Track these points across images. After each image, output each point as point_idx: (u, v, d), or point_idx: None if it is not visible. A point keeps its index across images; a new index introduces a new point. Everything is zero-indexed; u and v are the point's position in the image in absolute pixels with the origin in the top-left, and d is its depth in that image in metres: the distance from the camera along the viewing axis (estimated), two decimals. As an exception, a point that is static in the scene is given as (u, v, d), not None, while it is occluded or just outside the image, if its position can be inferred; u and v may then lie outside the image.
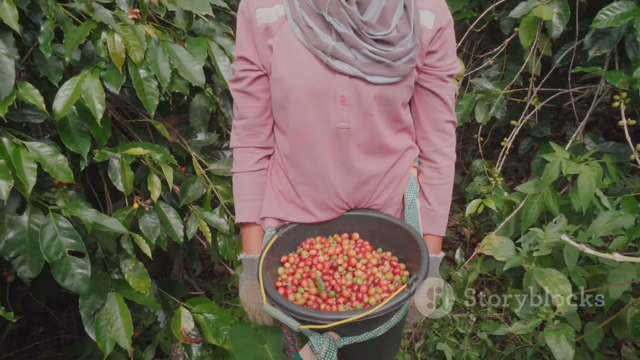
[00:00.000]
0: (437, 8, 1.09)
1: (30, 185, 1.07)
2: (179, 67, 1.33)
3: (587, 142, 1.98)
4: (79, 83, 1.17)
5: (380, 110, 1.08)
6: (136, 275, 1.33)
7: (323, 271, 1.12)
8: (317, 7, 1.00)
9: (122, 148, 1.29)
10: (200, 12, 1.35)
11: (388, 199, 1.20)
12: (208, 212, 1.50)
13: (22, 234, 1.16)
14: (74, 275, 1.18)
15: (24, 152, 1.08)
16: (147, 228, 1.36)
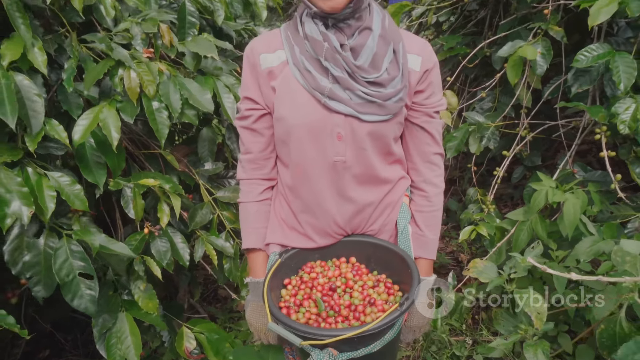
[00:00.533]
0: (423, 52, 1.20)
1: (50, 212, 1.17)
2: (189, 96, 1.44)
3: (576, 170, 2.07)
4: (97, 112, 1.29)
5: (373, 145, 1.17)
6: (145, 296, 1.42)
7: (323, 292, 1.20)
8: (315, 53, 1.12)
9: (135, 178, 1.39)
10: (207, 54, 1.48)
11: (382, 225, 1.29)
12: (214, 236, 1.60)
13: (38, 256, 1.25)
14: (82, 296, 1.27)
15: (45, 181, 1.19)
16: (158, 251, 1.45)
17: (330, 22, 1.11)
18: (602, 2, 1.56)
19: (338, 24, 1.11)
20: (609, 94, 1.74)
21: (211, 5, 1.63)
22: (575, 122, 2.02)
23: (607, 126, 1.72)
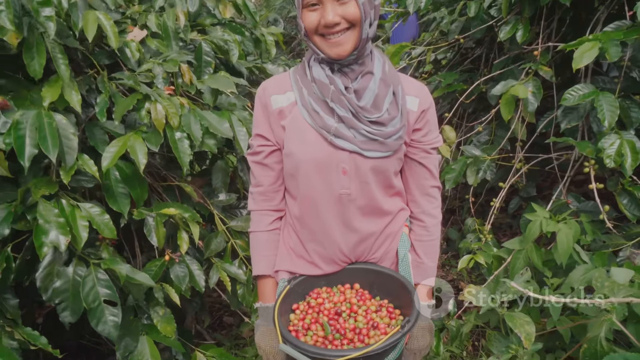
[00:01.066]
0: (420, 94, 1.31)
1: (83, 240, 1.27)
2: (209, 125, 1.55)
3: (570, 201, 2.17)
4: (125, 140, 1.40)
5: (376, 179, 1.26)
6: (164, 321, 1.50)
7: (329, 317, 1.26)
8: (322, 95, 1.23)
9: (156, 208, 1.50)
10: (226, 90, 1.60)
11: (384, 253, 1.37)
12: (228, 263, 1.69)
13: (67, 283, 1.35)
14: (106, 322, 1.35)
15: (78, 212, 1.29)
16: (177, 277, 1.54)
17: (335, 67, 1.22)
18: (584, 47, 1.69)
19: (343, 68, 1.22)
20: (595, 130, 1.85)
21: (226, 45, 1.77)
22: (566, 156, 2.13)
23: (595, 160, 1.83)
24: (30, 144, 1.21)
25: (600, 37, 1.76)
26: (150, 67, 1.54)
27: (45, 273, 1.32)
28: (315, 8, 1.15)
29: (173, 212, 1.48)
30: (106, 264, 1.32)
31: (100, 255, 1.41)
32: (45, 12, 1.22)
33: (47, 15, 1.22)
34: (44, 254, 1.19)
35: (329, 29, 1.14)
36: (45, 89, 1.29)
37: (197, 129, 1.51)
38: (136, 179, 1.45)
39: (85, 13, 1.38)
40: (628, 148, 1.69)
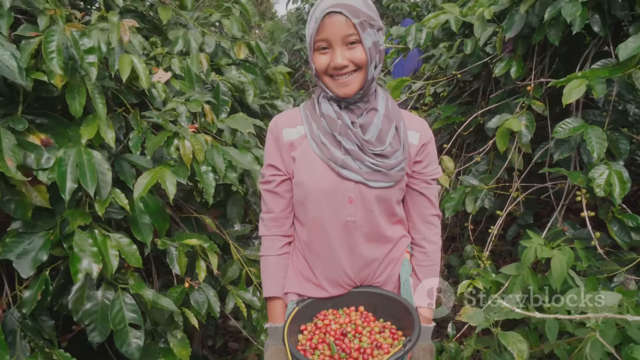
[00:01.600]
0: (421, 129, 1.42)
1: (114, 269, 1.37)
2: (232, 159, 1.67)
3: (566, 229, 2.26)
4: (156, 172, 1.52)
5: (379, 207, 1.35)
6: (180, 345, 1.58)
7: (335, 337, 1.33)
8: (330, 129, 1.33)
9: (178, 238, 1.60)
10: (245, 130, 1.73)
11: (387, 277, 1.44)
12: (242, 290, 1.77)
13: (96, 306, 1.44)
14: (130, 344, 1.44)
15: (109, 241, 1.40)
16: (197, 302, 1.63)
17: (342, 104, 1.33)
18: (573, 84, 1.81)
19: (349, 105, 1.33)
20: (585, 161, 1.96)
21: (241, 85, 1.90)
22: (560, 185, 2.23)
23: (587, 189, 1.93)
24: (70, 179, 1.34)
25: (587, 74, 1.88)
26: (175, 107, 1.67)
27: (77, 296, 1.42)
28: (325, 51, 1.26)
29: (194, 243, 1.58)
30: (134, 289, 1.42)
31: (126, 281, 1.51)
32: (89, 59, 1.36)
33: (90, 62, 1.36)
34: (78, 279, 1.29)
35: (338, 71, 1.25)
36: (83, 127, 1.43)
37: (220, 162, 1.63)
38: (159, 211, 1.57)
39: (121, 57, 1.52)
40: (616, 178, 1.79)
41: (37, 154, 1.37)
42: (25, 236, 1.39)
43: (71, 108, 1.43)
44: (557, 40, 2.06)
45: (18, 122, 1.38)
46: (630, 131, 2.07)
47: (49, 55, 1.33)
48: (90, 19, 1.69)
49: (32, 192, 1.38)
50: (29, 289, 1.39)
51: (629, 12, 2.01)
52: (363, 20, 1.22)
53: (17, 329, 1.37)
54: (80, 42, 1.39)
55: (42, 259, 1.36)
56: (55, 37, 1.36)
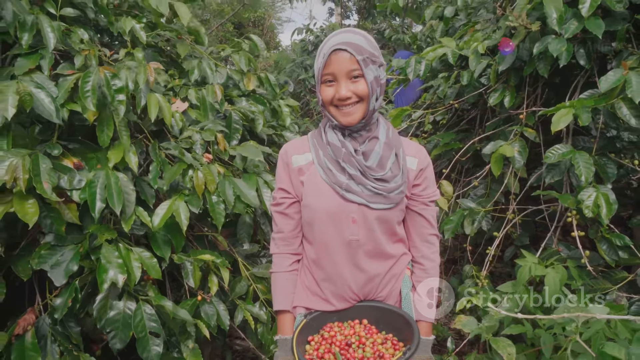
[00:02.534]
0: (419, 155, 1.54)
1: (137, 279, 1.50)
2: (240, 193, 1.80)
3: (561, 249, 2.36)
4: (171, 204, 1.66)
5: (381, 227, 1.47)
6: (192, 355, 1.69)
7: (340, 347, 1.41)
8: (335, 156, 1.46)
9: (193, 254, 1.73)
10: (255, 158, 1.87)
11: (389, 292, 1.54)
12: (250, 305, 1.88)
13: (119, 315, 1.56)
14: (150, 351, 1.55)
15: (132, 255, 1.53)
16: (207, 315, 1.74)
17: (346, 132, 1.46)
18: (561, 113, 1.95)
19: (353, 134, 1.46)
20: (574, 184, 2.08)
21: (252, 115, 2.06)
22: (553, 207, 2.35)
23: (576, 210, 2.04)
24: (99, 199, 1.49)
25: (574, 104, 2.02)
26: (191, 135, 1.82)
27: (101, 305, 1.54)
28: (331, 84, 1.40)
29: (208, 258, 1.71)
30: (156, 301, 1.54)
31: (145, 293, 1.63)
32: (119, 97, 1.53)
33: (120, 100, 1.54)
34: (104, 289, 1.41)
35: (342, 102, 1.39)
36: (110, 152, 1.59)
37: (230, 194, 1.79)
38: (177, 229, 1.69)
39: (149, 96, 1.69)
40: (603, 200, 1.91)
41: (70, 176, 1.53)
42: (57, 249, 1.53)
43: (100, 139, 1.59)
44: (545, 73, 2.21)
45: (53, 148, 1.54)
46: (618, 156, 2.20)
47: (85, 94, 1.51)
48: (117, 56, 1.86)
49: (64, 209, 1.52)
50: (60, 297, 1.52)
51: (611, 48, 2.16)
52: (366, 57, 1.36)
53: (48, 334, 1.50)
54: (112, 82, 1.56)
55: (73, 269, 1.49)
56: (91, 77, 1.55)
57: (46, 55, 1.56)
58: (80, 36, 1.72)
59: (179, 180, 1.74)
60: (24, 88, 1.45)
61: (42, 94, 1.49)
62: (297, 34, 8.24)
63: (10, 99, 1.41)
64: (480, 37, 2.60)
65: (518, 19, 2.09)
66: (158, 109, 1.66)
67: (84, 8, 1.88)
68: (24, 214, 1.40)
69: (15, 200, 1.41)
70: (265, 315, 1.90)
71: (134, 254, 1.54)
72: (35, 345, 1.43)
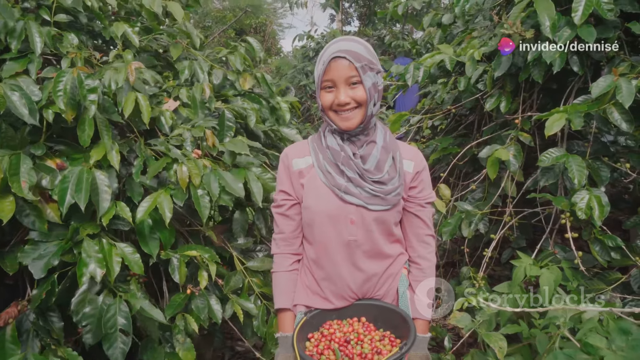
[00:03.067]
0: (415, 158, 1.59)
1: (115, 273, 1.55)
2: (226, 185, 1.85)
3: (557, 251, 2.41)
4: (155, 197, 1.71)
5: (378, 228, 1.51)
6: (184, 349, 1.73)
7: (339, 344, 1.44)
8: (334, 159, 1.51)
9: (180, 250, 1.78)
10: (241, 152, 1.91)
11: (386, 291, 1.58)
12: (244, 299, 1.93)
13: (95, 309, 1.61)
14: (116, 347, 1.60)
15: (114, 249, 1.58)
16: (197, 307, 1.79)
17: (345, 137, 1.50)
18: (554, 118, 2.01)
19: (351, 138, 1.50)
20: (568, 187, 2.14)
21: (245, 112, 2.12)
22: (549, 210, 2.40)
23: (570, 212, 2.10)
24: (70, 194, 1.56)
25: (568, 109, 2.08)
26: (181, 132, 1.88)
27: (79, 299, 1.60)
28: (331, 90, 1.45)
29: (194, 254, 1.76)
30: (127, 296, 1.60)
31: (129, 290, 1.68)
32: (91, 97, 1.61)
33: (91, 100, 1.61)
34: (82, 282, 1.47)
35: (341, 107, 1.43)
36: (92, 151, 1.66)
37: (215, 187, 1.82)
38: (165, 226, 1.75)
39: (128, 94, 1.75)
40: (596, 202, 1.97)
41: (52, 176, 1.60)
42: (41, 244, 1.59)
43: (80, 139, 1.66)
44: (540, 79, 2.27)
45: (38, 148, 1.61)
46: (612, 160, 2.25)
47: (57, 94, 1.59)
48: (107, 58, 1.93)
49: (46, 208, 1.58)
50: (37, 289, 1.58)
51: (604, 55, 2.22)
52: (364, 64, 1.41)
53: (30, 329, 1.56)
54: (85, 82, 1.63)
55: (54, 263, 1.55)
56: (64, 78, 1.62)
57: (34, 59, 1.63)
58: (71, 41, 1.79)
59: (166, 176, 1.80)
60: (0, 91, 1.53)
61: (15, 96, 1.56)
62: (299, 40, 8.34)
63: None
64: (477, 44, 2.66)
65: (512, 27, 2.15)
66: (133, 106, 1.72)
67: (77, 14, 1.95)
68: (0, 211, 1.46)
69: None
70: (258, 310, 1.95)
71: (116, 249, 1.60)
72: (15, 338, 1.48)
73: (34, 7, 1.78)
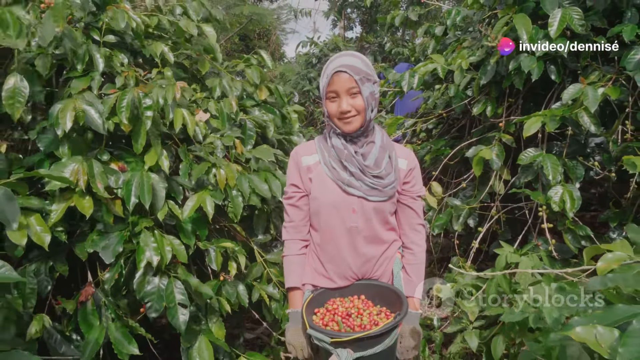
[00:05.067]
0: (408, 157, 1.80)
1: (168, 260, 1.81)
2: (254, 187, 2.11)
3: (540, 243, 2.65)
4: (199, 197, 1.97)
5: (376, 217, 1.67)
6: (216, 326, 1.99)
7: (342, 317, 1.61)
8: (338, 156, 1.70)
9: (216, 242, 2.04)
10: (266, 158, 2.18)
11: (383, 272, 1.75)
12: (264, 285, 2.19)
13: (154, 288, 1.86)
14: (178, 318, 1.85)
15: (165, 240, 1.84)
16: (228, 293, 2.05)
17: (348, 138, 1.70)
18: (532, 121, 2.26)
19: (353, 139, 1.70)
20: (544, 182, 2.39)
21: (264, 123, 2.38)
22: (530, 204, 2.65)
23: (546, 206, 2.34)
24: (134, 195, 1.81)
25: (546, 113, 2.33)
26: (212, 141, 2.14)
27: (140, 280, 1.85)
28: (334, 100, 1.65)
29: (228, 245, 2.02)
30: (182, 277, 1.85)
31: (176, 272, 1.94)
32: (147, 114, 1.87)
33: (147, 115, 1.88)
34: (140, 267, 1.73)
35: (344, 114, 1.64)
36: (146, 157, 1.94)
37: (246, 188, 2.09)
38: (201, 222, 2.01)
39: (176, 111, 2.01)
40: (568, 196, 2.21)
41: (116, 177, 1.86)
42: (105, 235, 1.85)
43: (134, 147, 1.94)
44: (520, 86, 2.52)
45: (103, 154, 1.86)
46: (586, 159, 2.50)
47: (121, 110, 1.85)
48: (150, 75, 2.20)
49: (111, 204, 1.84)
50: (109, 272, 1.84)
51: (578, 65, 2.47)
52: (362, 77, 1.62)
53: (102, 304, 1.82)
54: (143, 101, 1.90)
55: (119, 250, 1.81)
56: (127, 96, 1.89)
57: (95, 77, 1.90)
58: (121, 60, 2.05)
59: (204, 178, 2.06)
60: (79, 106, 1.80)
61: (92, 111, 1.84)
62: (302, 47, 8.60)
63: (68, 115, 1.75)
64: (465, 54, 2.91)
65: (495, 40, 2.40)
66: (183, 120, 1.99)
67: (123, 35, 2.21)
68: (82, 207, 1.71)
69: (76, 197, 1.73)
70: (278, 294, 2.20)
71: (166, 240, 1.86)
72: (94, 311, 1.75)
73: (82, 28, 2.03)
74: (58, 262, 1.84)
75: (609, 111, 2.52)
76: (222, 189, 2.02)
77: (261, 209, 2.35)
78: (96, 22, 2.08)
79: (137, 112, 1.92)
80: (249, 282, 2.19)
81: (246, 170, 2.18)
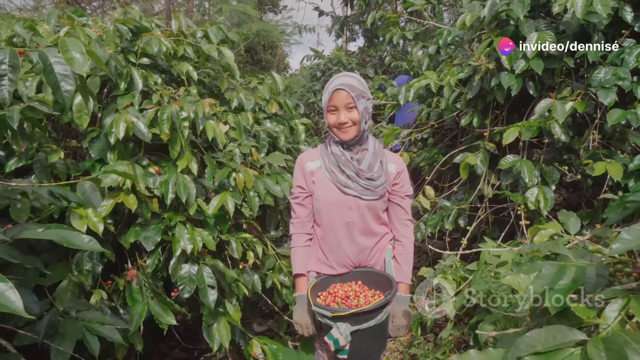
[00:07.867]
0: (397, 162, 2.08)
1: (199, 248, 2.14)
2: (269, 188, 2.44)
3: (524, 241, 2.93)
4: (222, 197, 2.30)
5: (369, 213, 1.93)
6: (234, 309, 2.30)
7: (342, 298, 1.85)
8: (337, 162, 2.01)
9: (236, 235, 2.36)
10: (278, 164, 2.50)
11: (376, 260, 2.00)
12: (277, 274, 2.50)
13: (186, 273, 2.19)
14: (208, 297, 2.18)
15: (197, 233, 2.16)
16: (245, 280, 2.37)
17: (345, 146, 1.98)
18: (510, 130, 2.57)
19: (350, 146, 1.97)
20: (522, 185, 2.68)
21: (276, 133, 2.72)
22: (512, 205, 2.94)
23: (524, 205, 2.64)
24: (171, 192, 2.13)
25: (524, 124, 2.63)
26: (231, 149, 2.47)
27: (174, 266, 2.18)
28: (334, 112, 1.94)
29: (248, 236, 2.33)
30: (210, 262, 2.17)
31: (204, 259, 2.25)
32: (184, 124, 2.20)
33: (184, 126, 2.20)
34: (176, 254, 2.04)
35: (342, 125, 1.92)
36: (179, 162, 2.27)
37: (262, 189, 2.42)
38: (223, 218, 2.33)
39: (207, 123, 2.39)
40: (542, 196, 2.51)
41: (154, 179, 2.19)
42: (144, 227, 2.18)
43: (171, 153, 2.28)
44: (502, 100, 2.83)
45: (143, 160, 2.20)
46: (561, 165, 2.79)
47: (162, 122, 2.17)
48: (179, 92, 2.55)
49: (149, 202, 2.16)
50: (150, 258, 2.18)
51: (553, 81, 2.77)
52: (358, 94, 1.91)
53: (143, 284, 2.15)
54: (180, 114, 2.22)
55: (157, 240, 2.14)
56: (167, 110, 2.22)
57: (136, 94, 2.23)
58: (155, 79, 2.39)
59: (225, 181, 2.38)
60: (129, 118, 2.12)
61: (139, 123, 2.17)
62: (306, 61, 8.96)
63: (121, 126, 2.09)
64: (455, 71, 3.22)
65: (478, 60, 2.71)
66: (213, 132, 2.32)
67: (155, 57, 2.56)
68: (128, 203, 2.04)
69: (123, 195, 2.06)
70: (288, 282, 2.51)
71: (196, 232, 2.17)
72: (138, 289, 2.08)
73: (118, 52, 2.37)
74: (106, 249, 2.16)
75: (581, 122, 2.81)
76: (240, 191, 2.33)
77: (273, 208, 2.66)
78: (132, 47, 2.42)
79: (174, 123, 2.24)
80: (263, 272, 2.50)
81: (261, 175, 2.50)
